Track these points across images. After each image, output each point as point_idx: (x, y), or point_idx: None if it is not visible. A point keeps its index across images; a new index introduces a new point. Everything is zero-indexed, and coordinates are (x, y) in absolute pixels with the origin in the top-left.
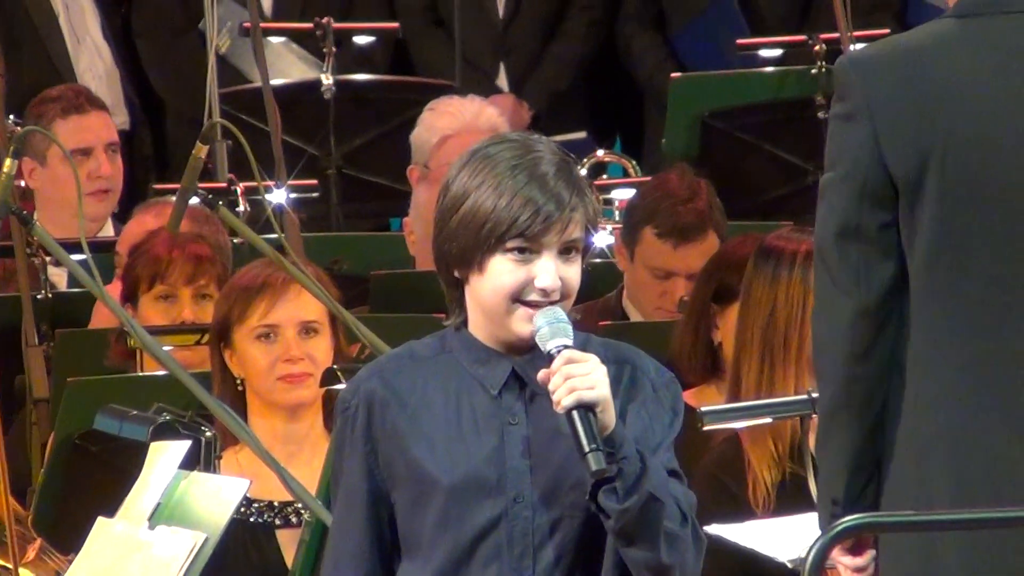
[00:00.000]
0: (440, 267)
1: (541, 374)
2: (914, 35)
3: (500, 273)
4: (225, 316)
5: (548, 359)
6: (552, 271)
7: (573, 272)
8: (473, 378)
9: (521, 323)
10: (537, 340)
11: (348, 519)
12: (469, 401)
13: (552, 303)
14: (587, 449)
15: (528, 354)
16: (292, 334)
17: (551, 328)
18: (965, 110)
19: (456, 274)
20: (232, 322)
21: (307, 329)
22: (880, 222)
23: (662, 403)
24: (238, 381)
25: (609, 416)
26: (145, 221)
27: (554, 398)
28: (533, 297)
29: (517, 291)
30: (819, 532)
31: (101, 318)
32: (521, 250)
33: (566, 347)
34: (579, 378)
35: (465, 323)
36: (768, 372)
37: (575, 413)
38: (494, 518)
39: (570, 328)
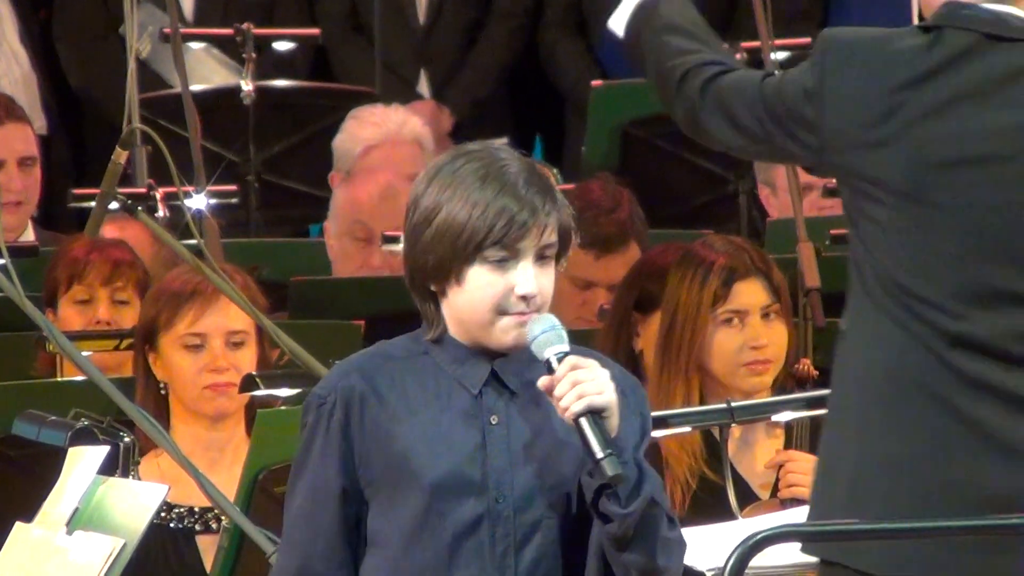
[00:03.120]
0: (414, 281)
1: (543, 381)
2: (891, 34)
3: (479, 285)
4: (152, 320)
5: (547, 366)
6: (531, 277)
7: (548, 280)
8: (452, 378)
9: (503, 333)
10: (533, 348)
11: (317, 517)
12: (449, 400)
13: (532, 311)
14: (601, 455)
15: (506, 355)
16: (219, 344)
17: (547, 336)
18: (937, 128)
19: (432, 287)
20: (159, 327)
21: (234, 339)
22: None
23: (630, 407)
24: (161, 385)
25: (615, 421)
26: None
27: (562, 404)
28: (515, 306)
29: (498, 302)
30: (738, 541)
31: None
32: (500, 259)
33: (566, 354)
34: (587, 383)
35: (441, 336)
36: (664, 379)
37: (584, 420)
38: (476, 517)
39: (565, 335)
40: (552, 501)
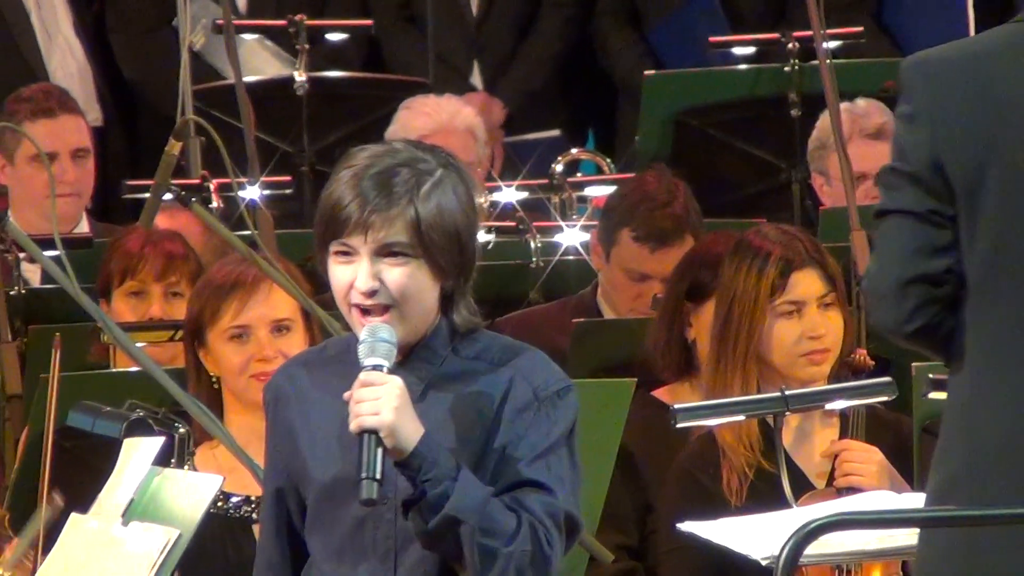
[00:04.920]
0: None
1: (345, 395)
2: (982, 38)
3: (332, 276)
4: (198, 316)
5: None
6: (364, 273)
7: (396, 275)
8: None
9: (358, 327)
10: (358, 354)
11: (263, 516)
12: (344, 403)
13: (385, 307)
14: (359, 476)
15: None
16: (265, 333)
17: (368, 346)
18: None
19: None
20: (205, 322)
21: (280, 327)
22: (940, 213)
23: (545, 412)
24: (213, 379)
25: (401, 440)
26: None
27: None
28: (356, 300)
29: (345, 292)
30: (793, 529)
31: None
32: (341, 252)
33: (376, 367)
34: (364, 403)
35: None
36: (721, 368)
37: (361, 438)
38: (359, 519)
39: (388, 347)
40: None
